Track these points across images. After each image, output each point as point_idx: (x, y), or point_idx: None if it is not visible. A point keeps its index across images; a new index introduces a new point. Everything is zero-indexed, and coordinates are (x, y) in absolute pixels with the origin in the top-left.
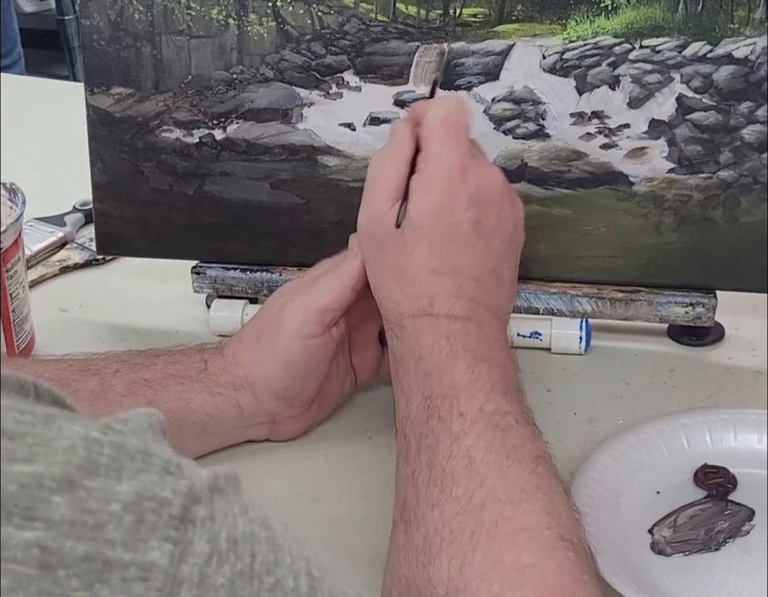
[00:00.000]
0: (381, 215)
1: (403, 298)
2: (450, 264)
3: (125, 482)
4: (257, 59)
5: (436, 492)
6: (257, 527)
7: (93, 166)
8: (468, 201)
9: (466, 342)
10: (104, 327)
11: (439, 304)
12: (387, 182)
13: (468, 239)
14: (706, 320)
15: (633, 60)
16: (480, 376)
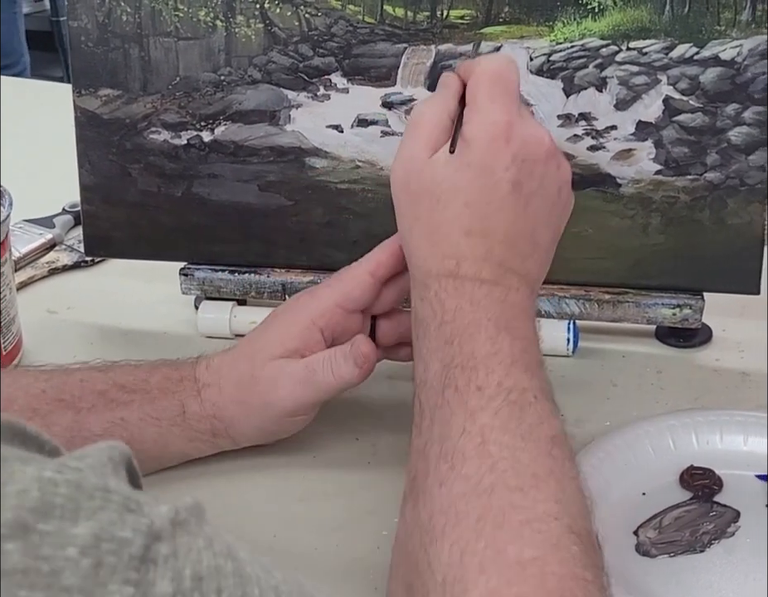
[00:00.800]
0: (419, 163)
1: (431, 255)
2: (483, 225)
3: (82, 522)
4: (245, 61)
5: (445, 469)
6: (222, 560)
7: (81, 167)
8: (510, 160)
9: (490, 309)
10: (92, 329)
11: (467, 266)
12: (428, 130)
13: (505, 199)
14: (693, 322)
15: (620, 62)
16: (502, 348)
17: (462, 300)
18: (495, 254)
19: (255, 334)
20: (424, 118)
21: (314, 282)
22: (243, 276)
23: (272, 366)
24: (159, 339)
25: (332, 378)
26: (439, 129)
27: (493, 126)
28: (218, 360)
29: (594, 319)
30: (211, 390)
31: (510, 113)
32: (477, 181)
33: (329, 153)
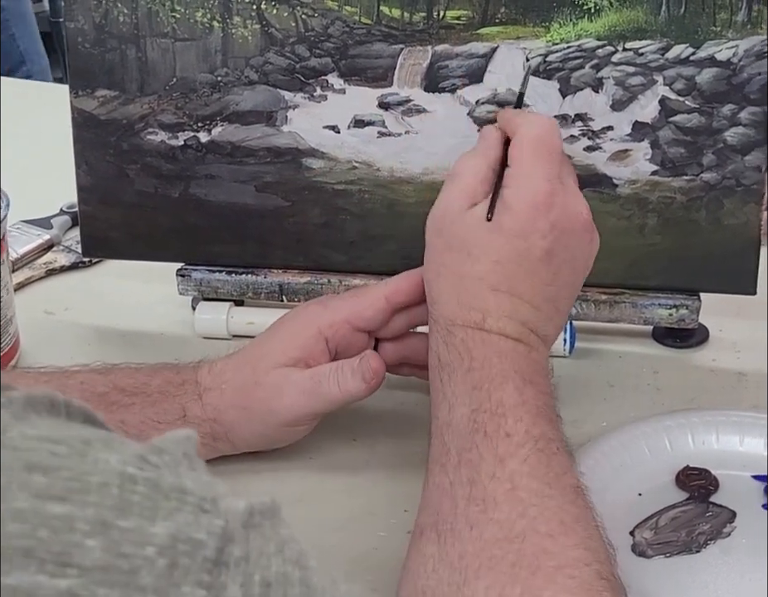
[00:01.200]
0: (455, 214)
1: (456, 305)
2: (511, 284)
3: (159, 522)
4: (242, 61)
5: (476, 512)
6: (291, 568)
7: (78, 168)
8: (547, 229)
9: (516, 362)
10: (89, 330)
11: (492, 321)
12: (469, 182)
13: (536, 266)
14: (689, 322)
15: (616, 62)
16: (528, 398)
17: (489, 351)
18: (520, 314)
19: (261, 339)
20: (466, 169)
21: (311, 283)
22: (240, 277)
23: (276, 373)
24: (156, 340)
25: (337, 391)
26: (478, 182)
27: (535, 194)
28: (221, 364)
29: (591, 320)
30: (213, 394)
31: (553, 180)
32: (511, 243)
33: (326, 154)
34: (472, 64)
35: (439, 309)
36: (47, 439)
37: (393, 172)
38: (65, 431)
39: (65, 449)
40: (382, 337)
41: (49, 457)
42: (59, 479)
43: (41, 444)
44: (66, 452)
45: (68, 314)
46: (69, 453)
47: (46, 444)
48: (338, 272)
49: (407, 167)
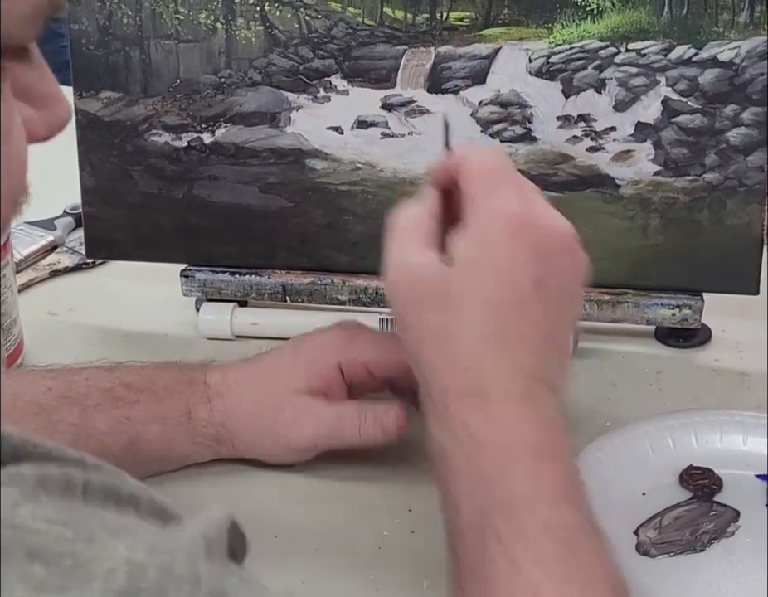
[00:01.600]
0: (418, 267)
1: (446, 368)
2: (503, 329)
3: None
4: (245, 63)
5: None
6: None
7: (82, 170)
8: (528, 254)
9: (524, 432)
10: (93, 331)
11: (489, 380)
12: (416, 229)
13: (527, 300)
14: (692, 322)
15: (618, 63)
16: (543, 481)
17: (491, 426)
18: (521, 363)
19: (280, 357)
20: (407, 219)
21: (315, 283)
22: (244, 278)
23: (299, 401)
24: (160, 341)
25: (357, 436)
26: (430, 229)
27: (505, 215)
28: (235, 372)
29: (593, 320)
30: (226, 401)
31: (519, 202)
32: (492, 279)
33: (329, 155)
34: (475, 65)
35: (431, 381)
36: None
37: (396, 172)
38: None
39: (71, 534)
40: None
41: (54, 543)
42: (61, 569)
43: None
44: (72, 537)
45: (72, 315)
46: (74, 538)
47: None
48: (342, 272)
49: (410, 167)
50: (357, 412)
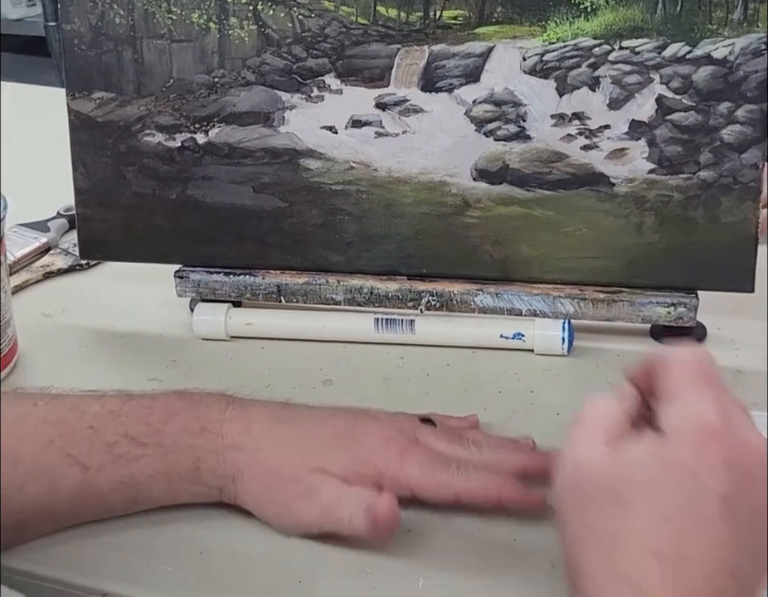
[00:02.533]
0: (597, 457)
1: (606, 579)
2: (679, 547)
3: None
4: (238, 62)
5: None
6: None
7: (75, 171)
8: (719, 463)
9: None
10: (87, 332)
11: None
12: (601, 423)
13: (710, 517)
14: (688, 320)
15: (612, 61)
16: None
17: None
18: (690, 592)
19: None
20: (595, 410)
21: (309, 283)
22: (238, 278)
23: (315, 476)
24: (155, 342)
25: (347, 523)
26: (612, 421)
27: (700, 419)
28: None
29: (588, 318)
30: (243, 456)
31: (719, 402)
32: (675, 486)
33: (323, 155)
34: (469, 63)
35: (588, 590)
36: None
37: (391, 172)
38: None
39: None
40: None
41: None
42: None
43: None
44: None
45: (66, 317)
46: None
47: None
48: (336, 272)
49: (405, 166)
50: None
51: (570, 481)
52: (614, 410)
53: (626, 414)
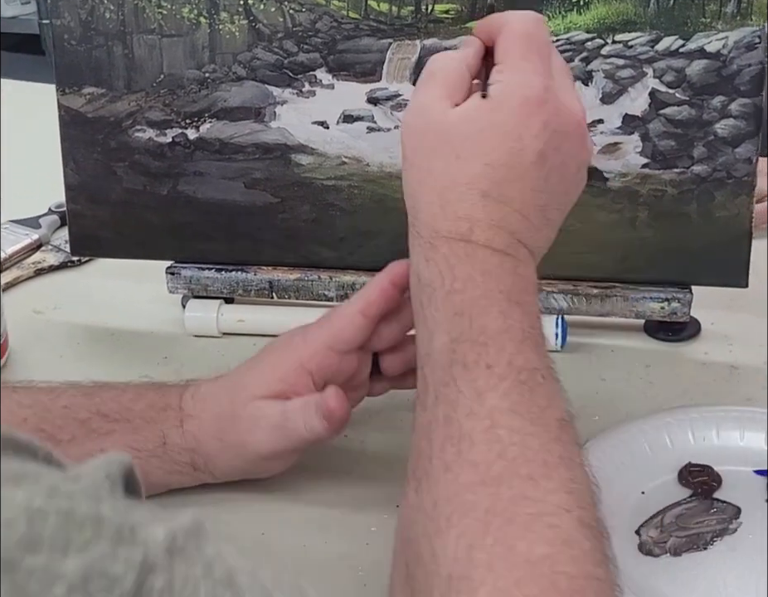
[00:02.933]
0: (439, 114)
1: (441, 213)
2: (502, 190)
3: (72, 557)
4: (229, 57)
5: (451, 453)
6: (221, 590)
7: (66, 167)
8: (540, 127)
9: (501, 280)
10: (78, 329)
11: (480, 231)
12: (447, 80)
13: (527, 169)
14: (681, 315)
15: (605, 55)
16: (513, 323)
17: (473, 269)
18: (509, 223)
19: (243, 369)
20: (442, 67)
21: (301, 279)
22: (230, 274)
23: (253, 406)
24: (146, 338)
25: (303, 429)
26: (458, 80)
27: (528, 88)
28: (204, 389)
29: (582, 314)
30: (192, 422)
31: (546, 75)
32: (503, 143)
33: (315, 150)
34: None
35: (423, 219)
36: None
37: (383, 167)
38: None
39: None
40: (377, 350)
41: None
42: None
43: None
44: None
45: (57, 313)
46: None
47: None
48: (328, 268)
49: (396, 161)
50: (301, 405)
51: (414, 127)
52: (456, 62)
53: (468, 65)
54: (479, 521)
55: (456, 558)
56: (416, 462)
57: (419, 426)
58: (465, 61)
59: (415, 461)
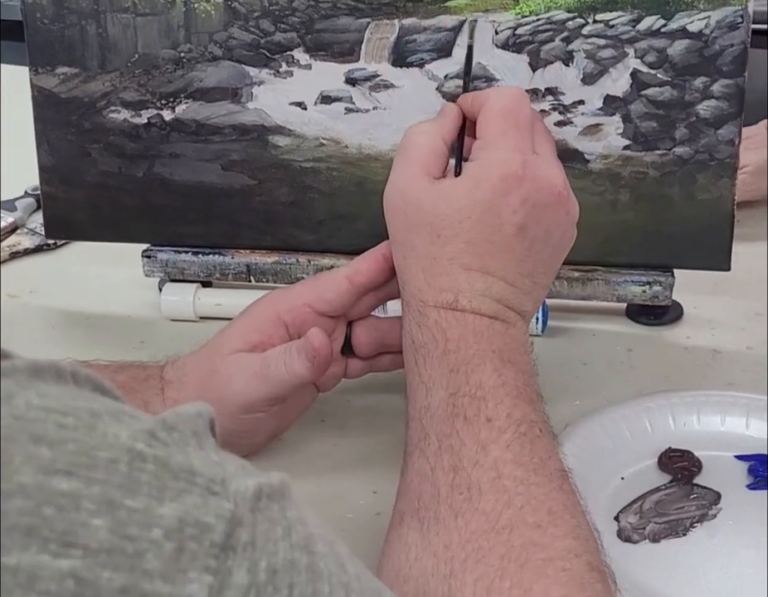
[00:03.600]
0: (418, 192)
1: (427, 287)
2: (484, 263)
3: (167, 504)
4: (205, 37)
5: (461, 500)
6: (298, 554)
7: (39, 148)
8: (519, 203)
9: (493, 341)
10: (54, 313)
11: (465, 301)
12: (419, 155)
13: (508, 242)
14: (663, 299)
15: (586, 35)
16: (507, 379)
17: (465, 331)
18: (494, 292)
19: (223, 329)
20: (415, 142)
21: (279, 263)
22: (207, 258)
23: (231, 359)
24: (123, 322)
25: (284, 372)
26: (432, 155)
27: (505, 164)
28: (185, 359)
29: (563, 297)
30: (173, 387)
31: (524, 151)
32: (482, 220)
33: (293, 131)
34: (440, 38)
35: (410, 291)
36: (55, 410)
37: (361, 149)
38: (73, 401)
39: (73, 421)
40: (352, 318)
41: (56, 429)
42: (65, 453)
43: (48, 414)
44: (74, 424)
45: (33, 297)
46: (77, 425)
47: (54, 415)
48: (307, 252)
49: (375, 143)
50: (282, 350)
51: (394, 205)
52: (430, 136)
53: (442, 136)
54: (495, 566)
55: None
56: (417, 503)
57: (416, 471)
58: (440, 133)
59: (414, 502)
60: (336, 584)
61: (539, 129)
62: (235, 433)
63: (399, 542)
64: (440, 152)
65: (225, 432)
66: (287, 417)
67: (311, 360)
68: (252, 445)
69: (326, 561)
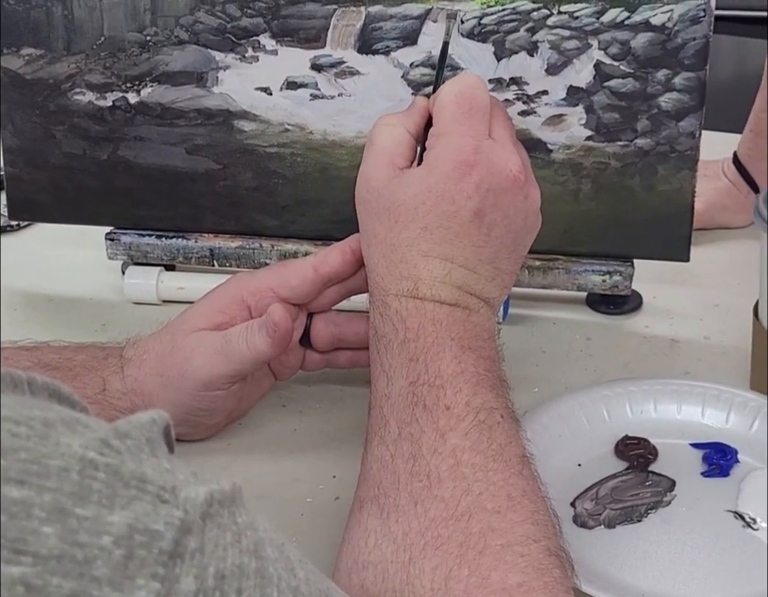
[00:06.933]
0: (379, 182)
1: (388, 274)
2: (441, 249)
3: (117, 511)
4: (171, 20)
5: (420, 488)
6: (247, 558)
7: (4, 129)
8: (473, 189)
9: (452, 329)
10: (17, 295)
11: (425, 288)
12: (387, 147)
13: (465, 228)
14: (623, 288)
15: (551, 25)
16: (467, 367)
17: (424, 320)
18: (454, 278)
19: (187, 308)
20: (379, 134)
21: (243, 247)
22: (170, 241)
23: (193, 336)
24: (85, 305)
25: (246, 348)
26: (397, 146)
27: (457, 151)
28: (146, 337)
29: (524, 286)
30: (133, 364)
31: (477, 136)
32: (437, 207)
33: (258, 116)
34: (406, 25)
35: (374, 279)
36: (8, 419)
37: (326, 135)
38: (27, 410)
39: (25, 430)
40: (314, 310)
41: (9, 438)
42: (17, 462)
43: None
44: (27, 433)
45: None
46: (29, 434)
47: (7, 424)
48: (270, 236)
49: (340, 130)
50: (243, 327)
51: (360, 195)
52: (394, 128)
53: (408, 128)
54: (453, 554)
55: (433, 588)
56: (377, 490)
57: (376, 458)
58: (405, 124)
59: (373, 489)
60: (285, 589)
61: (497, 115)
62: (194, 410)
63: (359, 528)
64: (405, 143)
65: (184, 409)
66: (245, 399)
67: (271, 335)
68: (210, 426)
69: (275, 566)
